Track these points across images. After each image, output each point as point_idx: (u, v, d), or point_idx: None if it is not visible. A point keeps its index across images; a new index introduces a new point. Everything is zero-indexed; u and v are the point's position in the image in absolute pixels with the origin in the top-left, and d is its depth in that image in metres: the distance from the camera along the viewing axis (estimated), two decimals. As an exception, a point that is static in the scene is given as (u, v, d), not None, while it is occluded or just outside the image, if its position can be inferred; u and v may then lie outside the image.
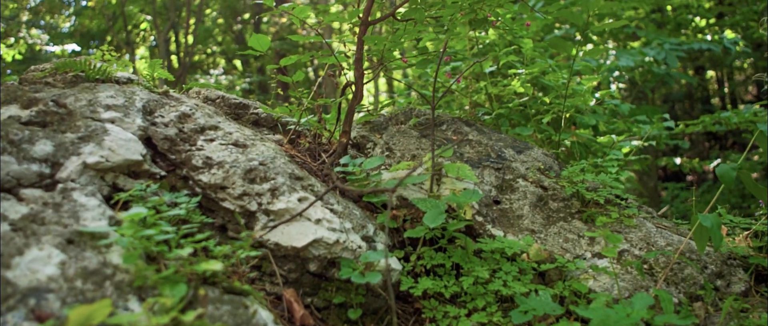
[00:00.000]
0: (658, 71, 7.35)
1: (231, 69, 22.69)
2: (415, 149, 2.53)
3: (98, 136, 1.88)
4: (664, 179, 13.29)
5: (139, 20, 16.92)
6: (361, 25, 2.45)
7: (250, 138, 2.16)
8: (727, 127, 5.58)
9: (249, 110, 2.92)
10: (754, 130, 5.81)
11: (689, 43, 8.06)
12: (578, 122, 3.89)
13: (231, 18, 19.94)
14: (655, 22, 10.15)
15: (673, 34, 9.73)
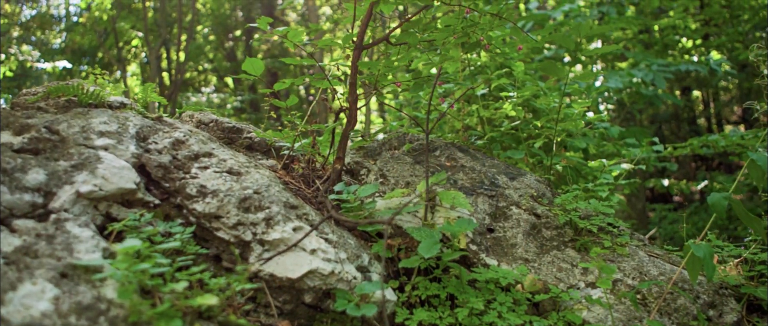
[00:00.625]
0: (646, 93, 7.41)
1: (222, 86, 22.69)
2: (409, 176, 2.53)
3: (91, 163, 1.87)
4: (652, 200, 13.36)
5: (131, 37, 16.90)
6: (355, 49, 2.46)
7: (244, 165, 2.15)
8: (714, 150, 5.63)
9: (242, 134, 2.92)
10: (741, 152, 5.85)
11: (676, 64, 8.15)
12: (569, 145, 3.91)
13: (223, 35, 19.96)
14: (643, 42, 10.26)
15: (660, 54, 9.83)
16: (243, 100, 17.95)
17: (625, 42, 10.10)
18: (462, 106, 3.88)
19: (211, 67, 22.51)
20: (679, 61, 8.82)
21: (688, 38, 9.87)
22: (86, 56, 17.84)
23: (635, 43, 9.94)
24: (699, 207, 12.22)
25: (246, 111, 18.17)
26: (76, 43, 16.93)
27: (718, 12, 9.75)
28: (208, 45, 21.50)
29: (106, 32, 16.19)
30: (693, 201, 13.14)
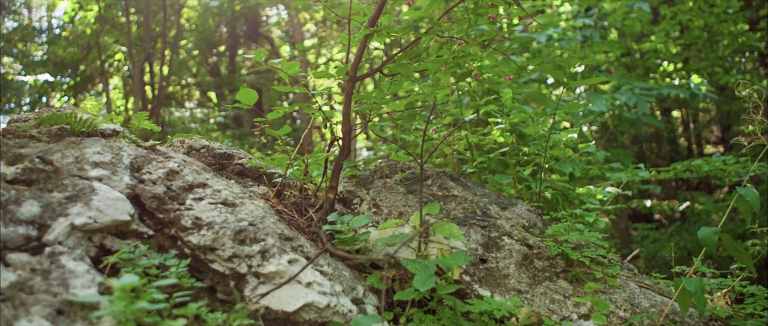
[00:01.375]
0: (629, 116, 7.51)
1: (205, 101, 22.61)
2: (402, 206, 2.54)
3: (86, 195, 1.86)
4: (634, 220, 13.49)
5: (114, 50, 16.80)
6: (349, 80, 2.47)
7: (238, 196, 2.14)
8: (697, 175, 5.71)
9: (233, 160, 2.91)
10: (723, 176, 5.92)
11: (658, 88, 8.27)
12: (555, 169, 3.95)
13: (207, 50, 19.92)
14: (625, 65, 10.41)
15: (641, 77, 9.97)
16: (226, 115, 17.89)
17: (607, 65, 10.24)
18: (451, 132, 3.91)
19: (194, 81, 22.43)
20: (661, 84, 8.95)
21: (669, 62, 10.03)
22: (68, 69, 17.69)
23: (617, 66, 10.07)
24: (680, 226, 12.37)
25: (230, 126, 18.11)
26: (58, 56, 16.81)
27: (698, 36, 9.92)
28: (192, 60, 21.44)
29: (89, 46, 16.09)
30: (674, 220, 13.28)
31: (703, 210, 10.87)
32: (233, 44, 20.93)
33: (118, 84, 20.40)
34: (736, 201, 2.29)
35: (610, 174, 5.25)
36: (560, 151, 3.44)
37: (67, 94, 19.26)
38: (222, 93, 22.17)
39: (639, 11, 8.68)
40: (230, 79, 20.91)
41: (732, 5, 9.40)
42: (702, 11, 9.62)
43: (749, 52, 10.91)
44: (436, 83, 2.76)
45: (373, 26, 2.45)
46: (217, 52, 21.03)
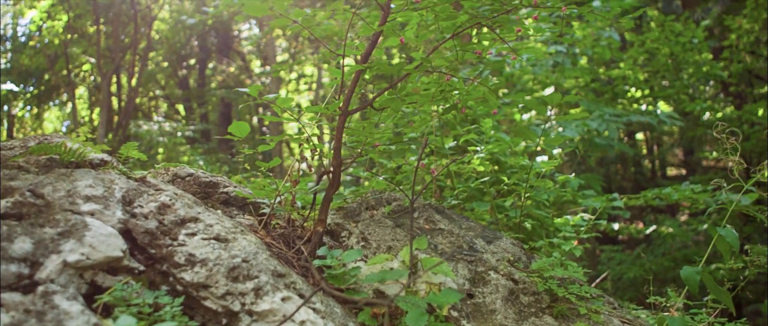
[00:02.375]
0: (600, 142, 7.66)
1: (173, 113, 22.37)
2: (390, 240, 2.55)
3: (78, 231, 1.83)
4: (601, 241, 13.72)
5: (82, 61, 16.53)
6: (340, 115, 2.49)
7: (231, 231, 2.14)
8: (667, 202, 5.85)
9: (219, 189, 2.90)
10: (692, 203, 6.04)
11: (627, 114, 8.47)
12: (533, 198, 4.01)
13: (176, 63, 19.73)
14: (594, 90, 10.63)
15: (609, 103, 10.19)
16: (195, 130, 17.71)
17: (576, 90, 10.44)
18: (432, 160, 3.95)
19: (162, 93, 22.20)
20: (629, 110, 9.16)
21: (636, 88, 10.28)
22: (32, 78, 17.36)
23: (587, 91, 10.28)
24: (645, 249, 12.61)
25: (198, 140, 17.93)
26: (23, 65, 16.49)
27: (665, 64, 10.19)
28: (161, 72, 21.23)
29: (57, 55, 15.81)
30: (640, 242, 13.53)
31: (668, 235, 11.10)
32: (204, 57, 20.80)
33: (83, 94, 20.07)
34: (716, 240, 2.37)
35: (583, 200, 5.35)
36: (540, 182, 3.51)
37: (30, 103, 18.87)
38: (190, 106, 21.97)
39: (609, 39, 8.90)
40: (199, 92, 20.76)
41: (697, 35, 9.69)
42: (668, 40, 9.89)
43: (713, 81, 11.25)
44: (423, 117, 2.79)
45: (366, 62, 2.48)
46: (187, 65, 20.85)
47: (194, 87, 21.59)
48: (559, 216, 4.43)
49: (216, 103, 20.61)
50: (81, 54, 16.20)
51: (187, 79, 21.35)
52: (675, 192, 5.60)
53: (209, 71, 22.16)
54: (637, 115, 8.20)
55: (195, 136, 17.31)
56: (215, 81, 21.26)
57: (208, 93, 20.21)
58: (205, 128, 18.07)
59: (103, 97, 15.22)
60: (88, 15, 15.52)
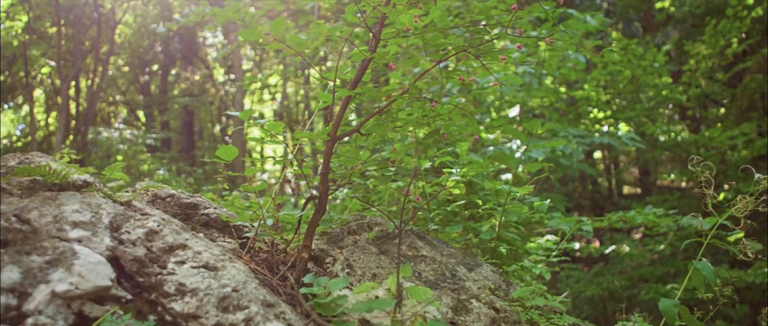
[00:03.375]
0: (566, 163, 7.80)
1: (133, 120, 21.97)
2: (375, 267, 2.56)
3: (67, 259, 1.79)
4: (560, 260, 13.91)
5: (41, 64, 16.11)
6: (328, 141, 2.49)
7: (219, 258, 2.11)
8: (630, 225, 6.00)
9: (199, 210, 2.86)
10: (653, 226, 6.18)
11: (591, 136, 8.66)
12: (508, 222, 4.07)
13: (139, 68, 19.40)
14: (558, 110, 10.84)
15: (572, 123, 10.41)
16: (156, 138, 17.43)
17: (541, 109, 10.63)
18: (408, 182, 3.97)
19: (122, 99, 21.79)
20: (593, 132, 9.36)
21: (599, 109, 10.51)
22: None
23: (551, 111, 10.48)
24: (603, 267, 12.86)
25: (159, 149, 17.64)
26: (-23, 66, 15.98)
27: (626, 87, 10.45)
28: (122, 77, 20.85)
29: (15, 57, 15.38)
30: (597, 261, 13.79)
31: (626, 254, 11.34)
32: (167, 64, 20.50)
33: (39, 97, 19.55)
34: (691, 273, 2.44)
35: (549, 220, 5.44)
36: (516, 208, 3.56)
37: (-16, 104, 18.29)
38: (151, 112, 21.61)
39: (575, 60, 9.09)
40: (162, 99, 20.44)
41: (658, 59, 9.97)
42: (630, 62, 10.15)
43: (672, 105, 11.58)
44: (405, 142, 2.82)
45: (354, 88, 2.49)
46: (150, 70, 20.51)
47: (156, 93, 21.25)
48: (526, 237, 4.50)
49: (178, 110, 20.32)
50: (40, 56, 15.80)
51: (149, 85, 21.01)
52: (639, 215, 5.74)
53: (172, 77, 21.84)
54: (601, 137, 8.38)
55: (156, 144, 17.04)
56: (178, 88, 20.94)
57: (171, 100, 19.91)
58: (166, 136, 17.77)
59: (61, 101, 14.85)
60: (49, 16, 15.16)
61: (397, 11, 2.34)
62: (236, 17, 7.65)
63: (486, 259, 3.42)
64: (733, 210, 2.49)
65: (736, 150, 9.67)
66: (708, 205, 2.61)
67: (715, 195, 2.59)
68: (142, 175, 15.14)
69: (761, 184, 2.41)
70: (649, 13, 13.88)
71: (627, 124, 10.76)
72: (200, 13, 7.50)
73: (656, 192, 19.11)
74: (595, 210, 20.45)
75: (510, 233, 3.92)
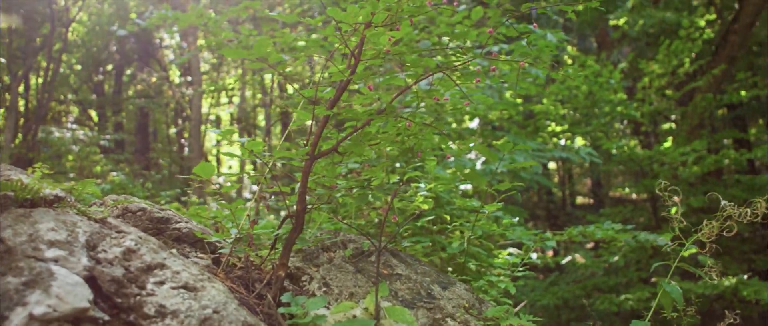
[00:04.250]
0: (525, 176, 7.94)
1: (85, 119, 21.42)
2: (352, 286, 2.56)
3: (44, 281, 1.74)
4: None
5: (-12, 61, 15.57)
6: (307, 160, 2.49)
7: (198, 278, 2.09)
8: (591, 239, 6.14)
9: (170, 225, 2.82)
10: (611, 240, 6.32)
11: (550, 150, 8.84)
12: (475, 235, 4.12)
13: (93, 68, 18.93)
14: (517, 123, 11.03)
15: (530, 136, 10.60)
16: (110, 139, 17.02)
17: (500, 122, 10.80)
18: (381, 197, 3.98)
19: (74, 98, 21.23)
20: (551, 147, 9.54)
21: (557, 123, 10.74)
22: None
23: (510, 124, 10.65)
24: (558, 277, 13.11)
25: (112, 150, 17.24)
26: None
27: (583, 102, 10.71)
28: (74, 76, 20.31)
29: (-39, 54, 14.82)
30: (552, 270, 14.04)
31: (582, 265, 11.58)
32: (121, 64, 20.07)
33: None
34: (661, 295, 2.51)
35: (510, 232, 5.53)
36: (487, 226, 3.61)
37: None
38: (104, 113, 21.11)
39: (535, 75, 9.26)
40: (115, 99, 19.99)
41: (614, 76, 10.24)
42: (588, 78, 10.40)
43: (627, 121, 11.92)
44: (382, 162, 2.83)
45: (333, 108, 2.49)
46: (104, 70, 20.03)
47: (109, 93, 20.77)
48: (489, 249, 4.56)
49: (133, 111, 19.90)
50: (-12, 53, 15.26)
51: (103, 84, 20.52)
52: (598, 230, 5.88)
53: (127, 78, 21.38)
54: (561, 152, 8.56)
55: (109, 145, 16.65)
56: (133, 89, 20.51)
57: (125, 101, 19.49)
58: (120, 138, 17.37)
59: (11, 99, 14.38)
60: (-1, 12, 14.67)
61: (378, 32, 2.36)
62: (198, 22, 7.52)
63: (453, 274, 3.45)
64: (699, 235, 2.57)
65: (687, 166, 10.00)
66: (675, 229, 2.70)
67: (682, 220, 2.68)
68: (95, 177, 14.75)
69: (727, 210, 2.51)
70: (604, 31, 14.24)
71: (583, 138, 11.03)
72: (162, 16, 7.35)
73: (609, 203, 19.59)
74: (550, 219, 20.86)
75: (476, 247, 3.97)
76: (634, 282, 11.52)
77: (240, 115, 20.61)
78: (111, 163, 15.84)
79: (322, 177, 2.71)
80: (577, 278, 12.86)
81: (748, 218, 2.53)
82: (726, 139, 13.75)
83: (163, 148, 21.73)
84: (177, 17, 7.09)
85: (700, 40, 9.76)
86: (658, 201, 12.02)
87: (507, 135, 9.45)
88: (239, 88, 20.29)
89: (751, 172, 13.40)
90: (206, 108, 19.64)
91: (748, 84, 11.34)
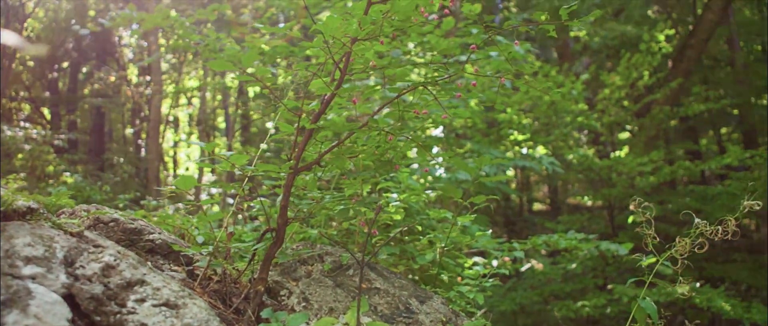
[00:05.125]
0: (491, 185, 8.02)
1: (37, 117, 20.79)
2: (332, 301, 2.54)
3: (22, 300, 1.68)
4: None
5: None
6: (290, 175, 2.46)
7: (179, 295, 2.04)
8: (555, 248, 6.22)
9: (143, 236, 2.75)
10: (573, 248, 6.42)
11: (514, 159, 8.95)
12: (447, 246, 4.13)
13: (47, 65, 18.39)
14: (480, 131, 11.14)
15: (493, 144, 10.72)
16: (64, 138, 16.54)
17: (464, 130, 10.89)
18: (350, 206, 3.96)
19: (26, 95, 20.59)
20: (514, 156, 9.66)
21: (520, 132, 10.88)
22: None
23: (473, 132, 10.75)
24: (516, 282, 13.26)
25: (68, 150, 16.77)
26: None
27: (545, 112, 10.88)
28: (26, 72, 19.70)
29: None
30: (511, 276, 14.20)
31: (540, 272, 11.74)
32: (78, 61, 19.56)
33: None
34: (635, 311, 2.56)
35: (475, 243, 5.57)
36: (460, 238, 3.63)
37: None
38: (58, 111, 20.53)
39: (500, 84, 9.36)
40: (70, 97, 19.48)
41: (576, 87, 10.43)
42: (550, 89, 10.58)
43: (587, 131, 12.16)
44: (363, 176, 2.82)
45: (317, 121, 2.47)
46: (59, 67, 19.48)
47: (64, 91, 20.22)
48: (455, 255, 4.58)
49: (87, 110, 19.41)
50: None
51: (57, 82, 19.96)
52: (562, 239, 5.96)
53: (82, 75, 20.85)
54: (524, 160, 8.67)
55: (63, 145, 16.19)
56: (89, 87, 20.00)
57: (80, 99, 18.99)
58: (76, 137, 16.92)
59: (-40, 96, 13.87)
60: (-51, 5, 14.15)
61: (364, 48, 2.35)
62: (164, 24, 7.36)
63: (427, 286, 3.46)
64: (672, 251, 2.63)
65: (644, 176, 10.24)
66: (648, 245, 2.75)
67: (656, 236, 2.73)
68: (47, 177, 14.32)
69: (699, 228, 2.57)
70: (565, 42, 14.50)
71: (545, 147, 11.20)
72: (127, 17, 7.19)
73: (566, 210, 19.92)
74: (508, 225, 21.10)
75: (447, 258, 3.99)
76: (590, 288, 11.74)
77: (200, 116, 20.29)
78: (64, 163, 15.41)
79: (303, 190, 2.68)
80: (534, 284, 13.04)
81: (720, 236, 2.60)
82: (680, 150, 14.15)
83: (118, 148, 21.25)
84: (142, 18, 6.95)
85: (660, 54, 10.02)
86: (615, 209, 12.29)
87: (470, 142, 9.54)
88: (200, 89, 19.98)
89: (702, 182, 13.81)
90: (165, 108, 19.28)
91: (702, 97, 11.69)
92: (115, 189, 13.24)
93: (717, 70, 14.94)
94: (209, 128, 21.87)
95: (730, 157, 8.88)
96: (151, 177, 15.53)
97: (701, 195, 10.73)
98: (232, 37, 8.51)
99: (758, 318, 8.02)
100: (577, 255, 8.17)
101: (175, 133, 24.86)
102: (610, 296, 10.28)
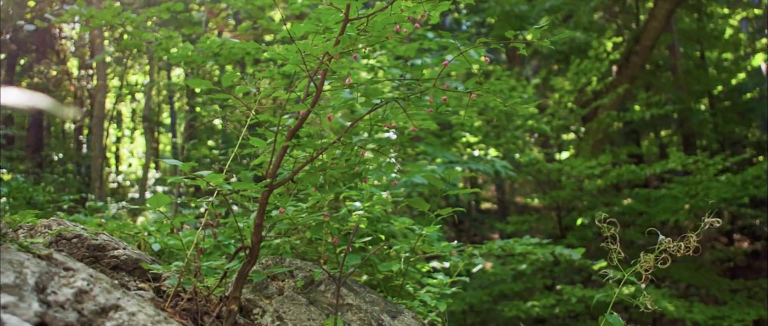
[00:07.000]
0: (446, 188, 8.08)
1: (-30, 112, 19.87)
2: (306, 319, 2.51)
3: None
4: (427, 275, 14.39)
5: None
6: (264, 193, 2.43)
7: (155, 320, 1.98)
8: (511, 252, 6.34)
9: (107, 253, 2.67)
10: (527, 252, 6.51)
11: (467, 162, 9.06)
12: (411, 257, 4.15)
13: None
14: (433, 133, 11.25)
15: (446, 146, 10.84)
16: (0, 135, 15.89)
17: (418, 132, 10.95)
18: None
19: (-43, 88, 19.64)
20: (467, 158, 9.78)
21: (472, 135, 11.02)
22: None
23: (426, 134, 10.84)
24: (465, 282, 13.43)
25: (4, 146, 16.11)
26: None
27: (498, 115, 11.06)
28: (-40, 63, 18.80)
29: None
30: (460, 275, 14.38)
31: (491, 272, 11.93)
32: (15, 53, 18.78)
33: None
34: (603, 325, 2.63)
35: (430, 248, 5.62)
36: (427, 248, 3.65)
37: None
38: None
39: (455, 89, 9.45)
40: (8, 91, 18.66)
41: (528, 91, 10.64)
42: (503, 93, 10.76)
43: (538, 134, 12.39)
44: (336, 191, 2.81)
45: (292, 138, 2.45)
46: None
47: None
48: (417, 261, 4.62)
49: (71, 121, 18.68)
50: None
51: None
52: (518, 244, 6.07)
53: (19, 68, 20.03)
54: (476, 163, 8.79)
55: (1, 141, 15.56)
56: (27, 80, 19.23)
57: (18, 93, 18.22)
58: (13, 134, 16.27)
59: None
60: None
61: (343, 65, 2.33)
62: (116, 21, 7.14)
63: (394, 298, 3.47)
64: (637, 266, 2.70)
65: (592, 179, 10.52)
66: (613, 259, 2.82)
67: (621, 251, 2.80)
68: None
69: (663, 244, 2.65)
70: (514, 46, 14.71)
71: (496, 150, 11.37)
72: (75, 12, 6.95)
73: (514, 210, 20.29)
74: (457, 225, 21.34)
75: (411, 268, 4.01)
76: (539, 288, 11.99)
77: (145, 112, 19.79)
78: (3, 161, 14.80)
79: (275, 207, 2.65)
80: (484, 284, 13.24)
81: (681, 252, 2.69)
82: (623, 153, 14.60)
83: (58, 144, 20.54)
84: (92, 14, 6.73)
85: (607, 61, 10.31)
86: (563, 210, 12.58)
87: (422, 144, 9.61)
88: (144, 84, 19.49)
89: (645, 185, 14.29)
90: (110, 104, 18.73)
91: (646, 102, 12.08)
92: (58, 189, 12.79)
93: (658, 75, 15.46)
94: (154, 124, 21.35)
95: (674, 162, 9.21)
96: (95, 175, 15.06)
97: (645, 197, 11.09)
98: (185, 35, 8.34)
99: (699, 318, 8.36)
100: (530, 258, 8.34)
101: (118, 128, 24.20)
102: (559, 296, 10.53)
